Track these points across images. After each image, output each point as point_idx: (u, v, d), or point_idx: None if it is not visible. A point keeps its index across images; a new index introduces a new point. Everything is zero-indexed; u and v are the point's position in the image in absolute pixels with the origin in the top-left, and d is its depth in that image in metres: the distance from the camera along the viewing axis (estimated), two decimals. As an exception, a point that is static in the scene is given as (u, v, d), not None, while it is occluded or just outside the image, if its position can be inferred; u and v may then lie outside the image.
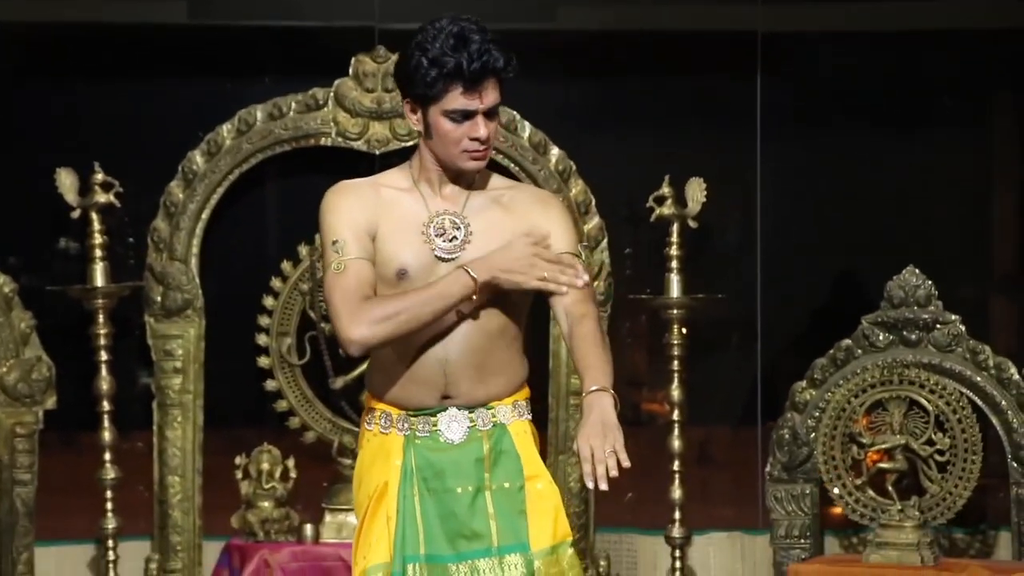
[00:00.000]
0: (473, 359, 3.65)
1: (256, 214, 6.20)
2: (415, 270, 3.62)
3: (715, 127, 6.21)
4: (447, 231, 3.65)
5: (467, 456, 3.67)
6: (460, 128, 3.60)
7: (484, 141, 3.61)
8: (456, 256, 3.63)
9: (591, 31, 6.32)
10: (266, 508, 5.80)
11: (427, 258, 3.63)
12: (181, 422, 5.87)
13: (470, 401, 3.68)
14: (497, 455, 3.69)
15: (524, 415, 3.75)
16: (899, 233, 6.26)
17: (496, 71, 3.58)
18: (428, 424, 3.69)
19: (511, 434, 3.71)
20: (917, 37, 6.30)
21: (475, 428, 3.69)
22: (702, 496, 6.19)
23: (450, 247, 3.64)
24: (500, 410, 3.71)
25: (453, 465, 3.67)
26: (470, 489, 3.67)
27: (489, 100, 3.60)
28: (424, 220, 3.65)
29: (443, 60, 3.57)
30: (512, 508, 3.67)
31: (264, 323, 5.98)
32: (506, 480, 3.68)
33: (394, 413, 3.71)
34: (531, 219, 3.68)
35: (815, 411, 5.56)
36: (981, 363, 5.49)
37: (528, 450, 3.72)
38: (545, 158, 5.86)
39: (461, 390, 3.67)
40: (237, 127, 5.88)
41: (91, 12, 6.21)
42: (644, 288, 6.05)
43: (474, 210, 3.68)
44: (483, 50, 3.56)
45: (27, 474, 5.72)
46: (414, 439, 3.69)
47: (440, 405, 3.68)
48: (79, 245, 6.03)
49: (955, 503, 5.39)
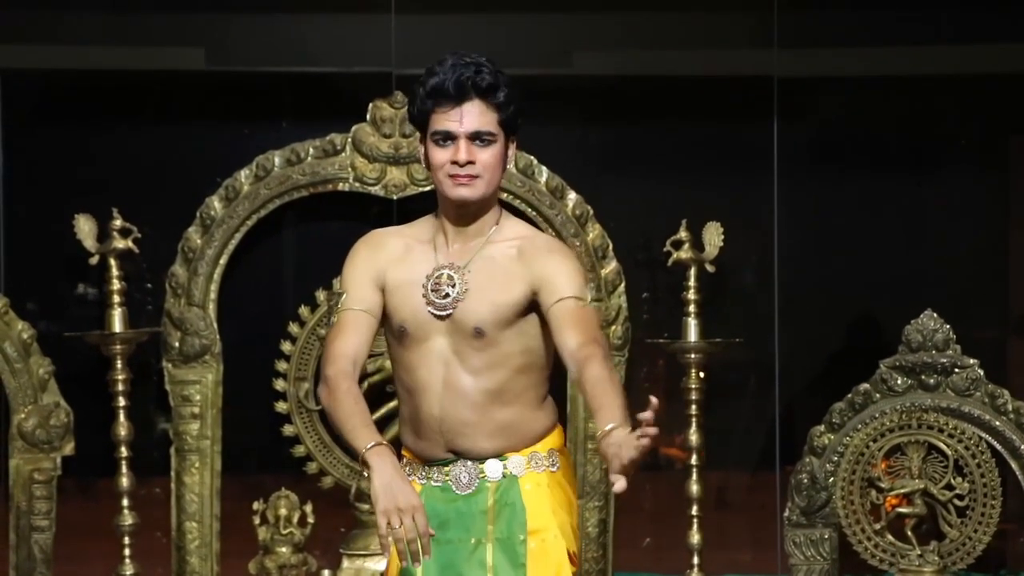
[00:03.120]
0: (469, 417, 3.63)
1: (274, 259, 6.21)
2: (412, 328, 3.63)
3: (732, 171, 6.22)
4: (442, 287, 3.62)
5: (472, 507, 3.66)
6: (444, 152, 3.58)
7: (463, 165, 3.56)
8: (449, 313, 3.60)
9: (607, 76, 6.33)
10: (284, 554, 5.79)
11: (423, 315, 3.63)
12: (199, 468, 5.87)
13: (478, 455, 3.66)
14: (501, 507, 3.66)
15: (543, 466, 3.70)
16: (916, 276, 6.25)
17: (479, 90, 3.55)
18: (441, 474, 3.69)
19: (519, 486, 3.66)
20: (932, 81, 6.32)
21: (484, 479, 3.66)
22: (720, 541, 6.17)
23: (443, 304, 3.61)
24: (513, 462, 3.68)
25: (458, 516, 3.66)
26: (471, 541, 3.65)
27: (471, 123, 3.56)
28: (427, 274, 3.64)
29: (427, 80, 3.58)
30: (512, 561, 3.64)
31: (282, 368, 5.98)
32: (508, 533, 3.65)
33: (415, 461, 3.73)
34: (534, 268, 3.61)
35: (833, 455, 5.55)
36: (1000, 407, 5.48)
37: (537, 503, 3.67)
38: (562, 203, 5.87)
39: (462, 446, 3.66)
40: (255, 172, 5.89)
41: (110, 58, 6.24)
42: (661, 332, 6.05)
43: (479, 262, 3.64)
44: (464, 66, 3.55)
45: (45, 520, 5.71)
46: (428, 488, 3.69)
47: (449, 457, 3.68)
48: (97, 291, 6.04)
49: (975, 548, 5.37)
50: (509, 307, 3.62)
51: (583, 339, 3.50)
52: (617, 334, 5.85)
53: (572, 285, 3.59)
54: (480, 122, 3.57)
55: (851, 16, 6.33)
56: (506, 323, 3.62)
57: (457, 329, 3.61)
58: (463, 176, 3.57)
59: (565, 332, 3.53)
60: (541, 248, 3.67)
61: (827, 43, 6.33)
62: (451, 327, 3.61)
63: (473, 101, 3.55)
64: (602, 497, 5.87)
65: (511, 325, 3.63)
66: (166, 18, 6.27)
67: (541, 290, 3.61)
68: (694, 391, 5.86)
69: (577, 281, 3.61)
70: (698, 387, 5.86)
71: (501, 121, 3.59)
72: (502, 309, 3.61)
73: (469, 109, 3.55)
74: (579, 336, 3.50)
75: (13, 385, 5.71)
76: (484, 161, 3.58)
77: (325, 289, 5.91)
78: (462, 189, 3.59)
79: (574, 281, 3.60)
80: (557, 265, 3.62)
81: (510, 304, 3.62)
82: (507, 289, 3.61)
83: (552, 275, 3.60)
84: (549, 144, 5.88)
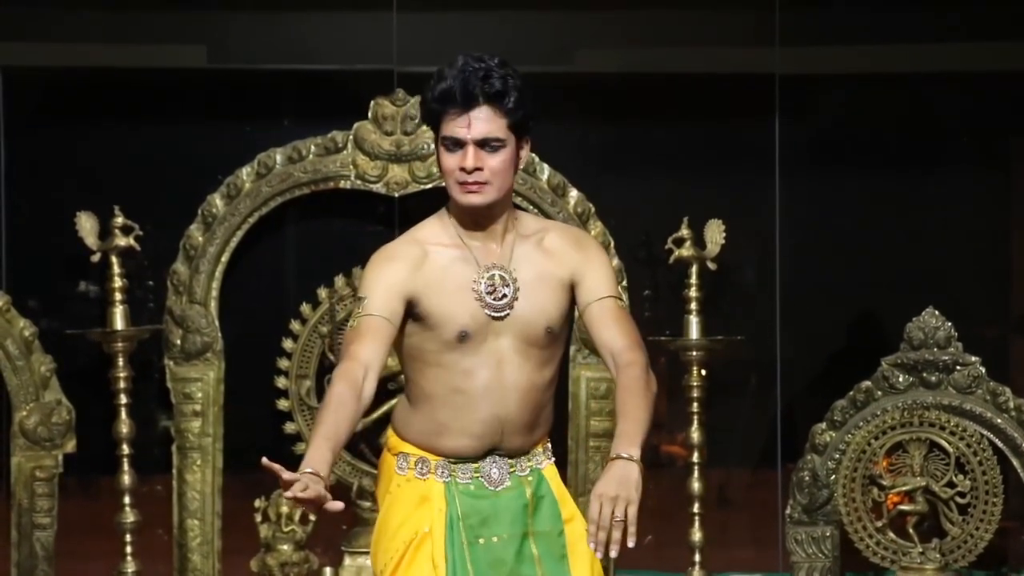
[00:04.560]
0: (529, 414, 3.66)
1: (275, 257, 6.21)
2: (474, 331, 3.60)
3: (733, 169, 6.22)
4: (497, 288, 3.61)
5: (512, 503, 3.67)
6: (453, 158, 3.55)
7: (471, 171, 3.53)
8: (507, 314, 3.61)
9: (609, 74, 6.34)
10: (285, 551, 5.79)
11: (482, 318, 3.60)
12: (200, 465, 5.87)
13: (518, 451, 3.69)
14: (539, 500, 3.69)
15: (551, 457, 3.78)
16: (917, 274, 6.26)
17: (488, 96, 3.50)
18: (470, 471, 3.67)
19: (547, 478, 3.72)
20: (934, 79, 6.32)
21: (515, 474, 3.68)
22: (722, 539, 6.17)
23: (501, 305, 3.61)
24: (535, 455, 3.72)
25: (499, 512, 3.66)
26: (516, 535, 3.66)
27: (478, 130, 3.52)
28: (474, 278, 3.61)
29: (436, 84, 3.55)
30: (555, 552, 3.67)
31: (283, 366, 5.99)
32: (547, 525, 3.69)
33: (432, 459, 3.68)
34: (572, 265, 3.66)
35: (835, 453, 5.55)
36: (1001, 405, 5.48)
37: (562, 492, 3.74)
38: (564, 200, 5.87)
39: (515, 443, 3.67)
40: (256, 170, 5.89)
41: (112, 56, 6.24)
42: (663, 330, 6.05)
43: (520, 259, 3.65)
44: (472, 72, 3.51)
45: (46, 518, 5.71)
46: (455, 486, 3.66)
47: (481, 454, 3.68)
48: (99, 289, 6.04)
49: (976, 546, 5.37)
50: (568, 304, 3.68)
51: (629, 342, 3.58)
52: (619, 332, 5.85)
53: (611, 284, 3.67)
54: (488, 128, 3.52)
55: (852, 14, 6.34)
56: (567, 320, 3.70)
57: (520, 329, 3.61)
58: (472, 183, 3.55)
59: (610, 330, 3.60)
60: (570, 240, 3.72)
61: (828, 41, 6.33)
62: (511, 327, 3.61)
63: (481, 107, 3.51)
64: (603, 495, 5.86)
65: (567, 321, 3.71)
66: (168, 16, 6.27)
67: (579, 285, 3.67)
68: (695, 389, 5.86)
69: (613, 279, 3.70)
70: (699, 385, 5.86)
71: (510, 126, 3.55)
72: (565, 307, 3.67)
73: (477, 115, 3.51)
74: (625, 338, 3.58)
75: (15, 383, 5.71)
76: (493, 167, 3.55)
77: (327, 287, 5.92)
78: (472, 196, 3.57)
79: (612, 279, 3.69)
80: (594, 261, 3.68)
81: (566, 297, 3.67)
82: (556, 282, 3.66)
83: (591, 271, 3.66)
84: (551, 142, 5.88)
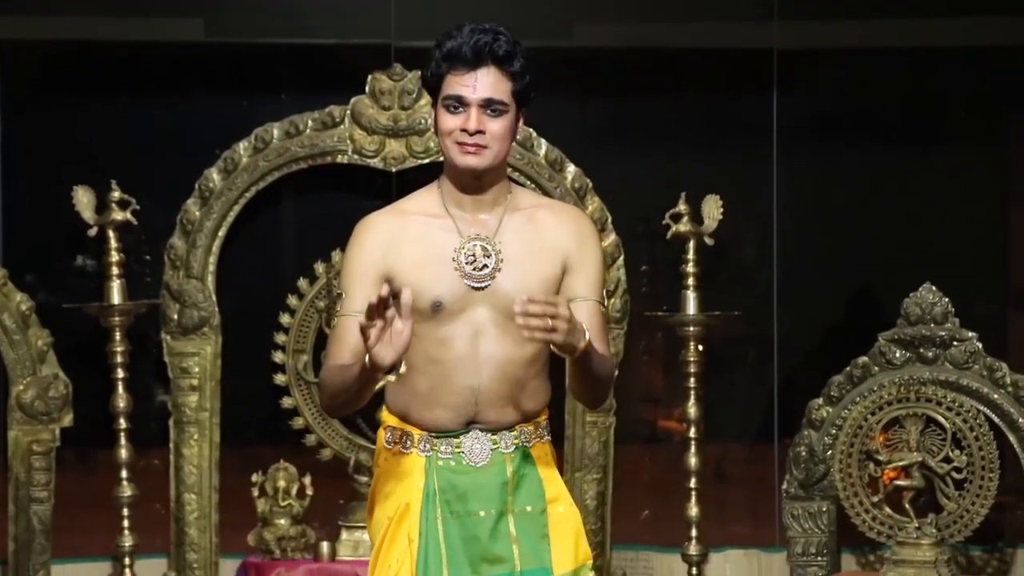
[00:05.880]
0: (505, 388, 3.60)
1: (273, 232, 6.21)
2: (450, 302, 3.55)
3: (731, 144, 6.21)
4: (477, 259, 3.57)
5: (491, 479, 3.62)
6: (455, 118, 3.52)
7: (472, 133, 3.50)
8: (487, 284, 3.56)
9: (607, 48, 6.32)
10: (282, 526, 5.80)
11: (460, 288, 3.56)
12: (197, 440, 5.88)
13: (496, 425, 3.63)
14: (520, 478, 3.64)
15: (545, 436, 3.71)
16: (915, 249, 6.25)
17: (495, 57, 3.49)
18: (451, 446, 3.63)
19: (533, 456, 3.66)
20: (933, 54, 6.30)
21: (498, 451, 3.63)
22: (719, 513, 6.18)
23: (481, 276, 3.56)
24: (523, 432, 3.66)
25: (477, 488, 3.61)
26: (493, 512, 3.61)
27: (484, 89, 3.50)
28: (455, 247, 3.57)
29: (444, 43, 3.53)
30: (535, 532, 3.62)
31: (280, 340, 5.99)
32: (528, 503, 3.64)
33: (415, 433, 3.65)
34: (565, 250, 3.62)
35: (832, 428, 5.55)
36: (998, 380, 5.48)
37: (549, 472, 3.69)
38: (561, 175, 5.87)
39: (490, 416, 3.62)
40: (254, 145, 5.89)
41: (108, 30, 6.22)
42: (660, 305, 6.05)
43: (508, 232, 3.60)
44: (482, 32, 3.50)
45: (44, 492, 5.72)
46: (436, 460, 3.63)
47: (464, 428, 3.63)
48: (96, 263, 6.04)
49: (972, 520, 5.38)
50: (554, 279, 3.61)
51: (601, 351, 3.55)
52: (616, 307, 5.86)
53: (598, 287, 3.64)
54: (494, 90, 3.50)
55: (851, -12, 6.33)
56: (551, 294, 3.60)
57: (499, 301, 3.55)
58: (471, 144, 3.52)
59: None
60: (570, 225, 3.67)
61: (827, 15, 6.32)
62: (490, 298, 3.56)
63: (489, 68, 3.50)
64: (600, 469, 5.87)
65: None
66: (165, -11, 6.27)
67: (567, 275, 3.63)
68: (693, 364, 5.86)
69: (601, 281, 3.67)
70: (697, 360, 5.87)
71: (515, 91, 3.53)
72: (549, 282, 3.60)
73: (484, 75, 3.49)
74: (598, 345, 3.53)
75: (12, 357, 5.71)
76: (494, 131, 3.52)
77: (324, 262, 5.92)
78: (470, 158, 3.53)
79: (600, 282, 3.65)
80: (589, 258, 3.64)
81: (554, 276, 3.61)
82: (546, 260, 3.60)
83: (583, 268, 3.62)
84: (549, 116, 5.87)
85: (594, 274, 3.64)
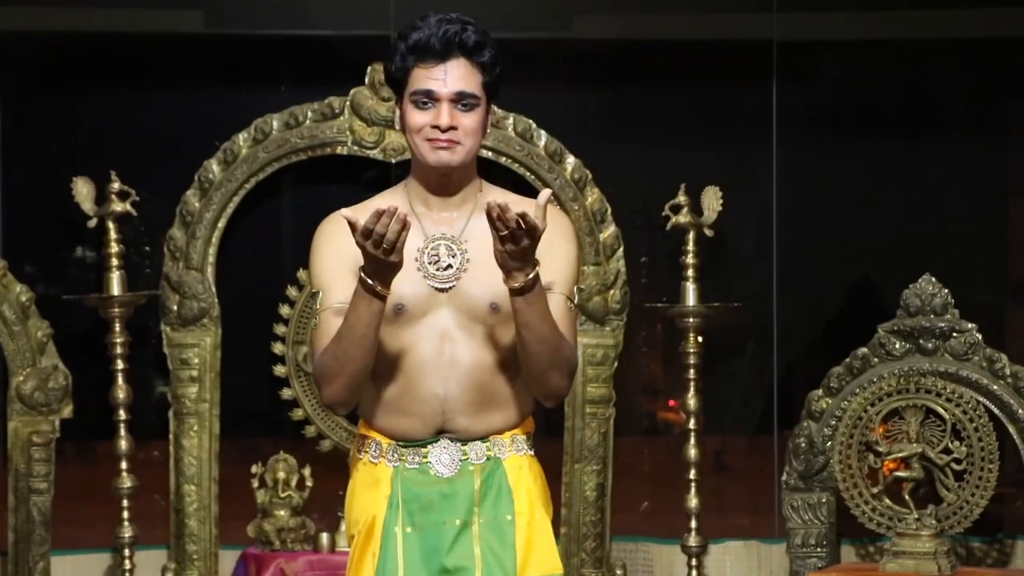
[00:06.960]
0: (473, 395, 3.45)
1: (272, 223, 6.21)
2: (412, 304, 3.41)
3: (731, 135, 6.21)
4: (441, 259, 3.43)
5: (457, 490, 3.48)
6: (424, 115, 3.39)
7: (445, 129, 3.38)
8: (451, 286, 3.42)
9: (607, 40, 6.32)
10: (282, 517, 5.81)
11: (422, 290, 3.42)
12: (197, 431, 5.88)
13: (466, 435, 3.49)
14: (487, 489, 3.49)
15: (523, 450, 3.55)
16: (915, 241, 6.25)
17: (465, 48, 3.39)
18: (418, 456, 3.49)
19: (505, 469, 3.51)
20: (933, 45, 6.30)
21: (468, 462, 3.49)
22: (718, 505, 6.19)
23: (445, 276, 3.43)
24: (497, 444, 3.51)
25: (442, 499, 3.47)
26: (457, 523, 3.47)
27: (455, 83, 3.38)
28: (419, 247, 3.43)
29: (408, 34, 3.41)
30: (500, 542, 3.47)
31: (280, 332, 5.99)
32: (495, 514, 3.49)
33: (384, 442, 3.51)
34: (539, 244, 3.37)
35: (831, 420, 5.55)
36: (998, 371, 5.48)
37: (522, 485, 3.52)
38: (560, 167, 5.87)
39: (458, 425, 3.48)
40: (253, 136, 5.89)
41: (108, 21, 6.22)
42: (660, 297, 6.06)
43: (474, 230, 3.44)
44: (450, 22, 3.39)
45: (43, 483, 5.72)
46: (403, 471, 3.50)
47: (433, 438, 3.49)
48: (95, 254, 6.04)
49: (972, 512, 5.37)
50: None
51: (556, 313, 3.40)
52: (615, 298, 5.86)
53: (567, 281, 3.48)
54: (465, 83, 3.39)
55: (850, -20, 6.33)
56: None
57: (463, 303, 3.42)
58: (443, 140, 3.39)
59: None
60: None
61: (826, 7, 6.31)
62: (455, 300, 3.43)
63: (459, 59, 3.39)
64: (600, 461, 5.88)
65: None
66: (164, -19, 6.26)
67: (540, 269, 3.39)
68: (692, 355, 5.86)
69: (572, 277, 3.50)
70: (696, 351, 5.87)
71: (485, 84, 3.42)
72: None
73: (454, 68, 3.38)
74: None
75: (12, 348, 5.71)
76: (466, 127, 3.40)
77: (323, 253, 5.91)
78: (442, 153, 3.39)
79: (570, 277, 3.49)
80: (559, 251, 3.47)
81: None
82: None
83: (551, 261, 3.42)
84: (548, 108, 5.88)
85: (563, 270, 3.47)
